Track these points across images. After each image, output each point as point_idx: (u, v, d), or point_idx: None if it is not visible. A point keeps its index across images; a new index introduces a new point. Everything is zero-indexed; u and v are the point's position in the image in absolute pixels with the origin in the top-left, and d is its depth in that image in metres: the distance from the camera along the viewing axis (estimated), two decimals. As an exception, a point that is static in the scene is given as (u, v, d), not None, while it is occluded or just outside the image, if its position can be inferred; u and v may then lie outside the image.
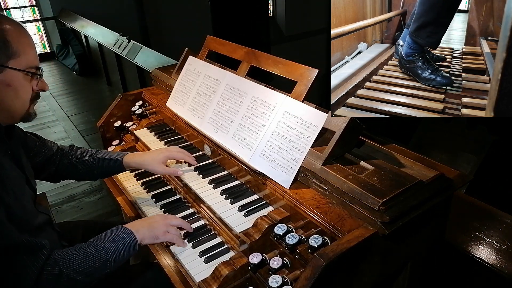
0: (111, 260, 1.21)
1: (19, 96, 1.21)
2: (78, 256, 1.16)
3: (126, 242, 1.25)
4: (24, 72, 1.19)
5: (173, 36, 7.62)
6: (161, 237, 1.36)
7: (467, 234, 1.58)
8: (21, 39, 1.18)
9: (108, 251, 1.20)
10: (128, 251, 1.26)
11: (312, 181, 1.32)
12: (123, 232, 1.28)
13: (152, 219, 1.40)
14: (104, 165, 1.63)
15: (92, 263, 1.17)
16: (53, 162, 1.59)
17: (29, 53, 1.20)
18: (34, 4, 7.77)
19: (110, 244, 1.22)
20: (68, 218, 3.13)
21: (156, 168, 1.61)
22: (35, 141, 1.55)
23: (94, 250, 1.19)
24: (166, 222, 1.39)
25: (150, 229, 1.34)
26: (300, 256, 1.17)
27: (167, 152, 1.64)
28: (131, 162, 1.63)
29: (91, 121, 4.92)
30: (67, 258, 1.15)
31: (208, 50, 2.04)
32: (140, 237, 1.30)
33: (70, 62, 7.16)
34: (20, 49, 1.17)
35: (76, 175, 1.66)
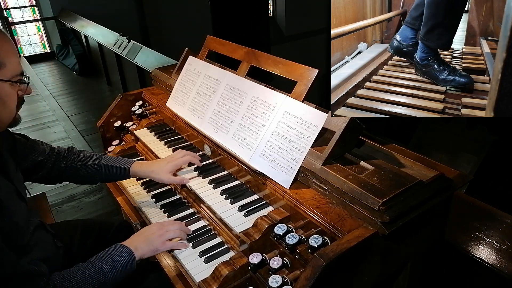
0: (109, 280, 1.22)
1: (6, 106, 1.18)
2: (77, 279, 1.17)
3: (124, 262, 1.26)
4: (9, 82, 1.16)
5: (173, 36, 7.63)
6: (161, 248, 1.35)
7: (467, 234, 1.58)
8: (4, 48, 1.15)
9: (106, 272, 1.21)
10: (127, 269, 1.27)
11: (312, 181, 1.32)
12: (122, 251, 1.28)
13: (149, 231, 1.38)
14: (109, 172, 1.60)
15: (91, 285, 1.18)
16: (44, 165, 1.55)
17: (13, 62, 1.18)
18: (34, 4, 7.76)
19: (109, 265, 1.23)
20: (68, 218, 3.12)
21: (163, 178, 1.59)
22: (24, 143, 1.50)
23: (93, 272, 1.20)
24: (162, 233, 1.37)
25: (148, 243, 1.34)
26: (300, 256, 1.17)
27: (174, 161, 1.62)
28: (139, 171, 1.61)
29: (91, 121, 4.92)
30: (66, 283, 1.16)
31: (208, 50, 2.04)
32: (140, 254, 1.31)
33: (70, 62, 7.16)
34: (5, 59, 1.14)
35: (77, 178, 1.64)
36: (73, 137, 4.52)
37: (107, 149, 2.16)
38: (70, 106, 5.60)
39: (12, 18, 7.59)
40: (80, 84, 6.57)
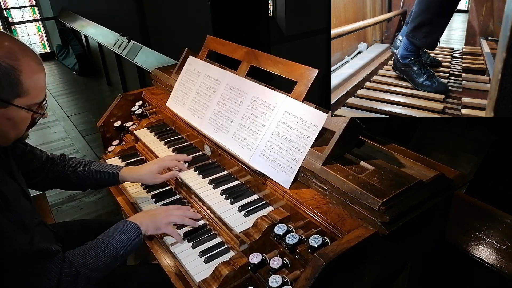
0: (121, 254, 1.27)
1: (17, 128, 1.19)
2: (90, 254, 1.22)
3: (132, 235, 1.32)
4: (27, 110, 1.16)
5: (173, 36, 7.63)
6: (163, 228, 1.41)
7: (467, 234, 1.58)
8: (34, 79, 1.14)
9: (117, 246, 1.26)
10: (135, 243, 1.32)
11: (312, 181, 1.32)
12: (128, 226, 1.34)
13: (155, 211, 1.46)
14: (98, 177, 1.63)
15: (104, 259, 1.23)
16: (41, 171, 1.57)
17: (38, 93, 1.18)
18: (34, 4, 7.76)
19: (118, 239, 1.28)
20: (68, 218, 3.13)
21: (154, 180, 1.64)
22: (24, 149, 1.53)
23: (104, 247, 1.25)
24: (167, 214, 1.44)
25: (153, 220, 1.40)
26: (300, 256, 1.17)
27: (160, 162, 1.67)
28: (127, 177, 1.64)
29: (91, 121, 4.91)
30: (81, 258, 1.20)
31: (208, 50, 2.04)
32: (144, 229, 1.37)
33: (70, 62, 7.15)
34: (31, 90, 1.14)
35: (67, 185, 1.65)
36: (73, 137, 4.52)
37: (107, 149, 2.16)
38: (70, 106, 5.59)
39: (12, 18, 7.59)
40: (80, 84, 6.56)
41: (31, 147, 1.57)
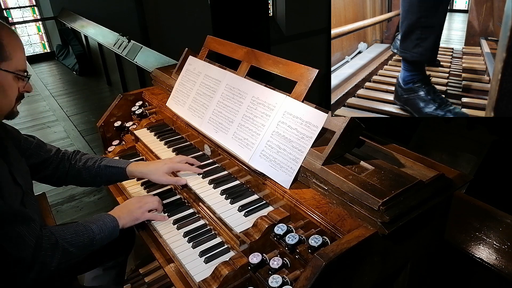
0: (97, 239, 1.35)
1: (7, 95, 1.26)
2: (70, 231, 1.30)
3: (110, 226, 1.40)
4: (13, 74, 1.25)
5: (173, 36, 7.63)
6: (141, 218, 1.50)
7: (467, 234, 1.58)
8: (13, 43, 1.24)
9: (95, 231, 1.35)
10: (112, 233, 1.40)
11: (312, 181, 1.32)
12: (107, 217, 1.42)
13: (129, 203, 1.54)
14: (108, 172, 1.64)
15: (82, 238, 1.31)
16: (49, 164, 1.59)
17: (20, 57, 1.27)
18: (34, 4, 7.76)
19: (96, 226, 1.36)
20: (68, 218, 3.13)
21: (160, 178, 1.62)
22: (31, 142, 1.56)
23: (83, 228, 1.33)
24: (141, 204, 1.52)
25: (129, 213, 1.48)
26: (300, 256, 1.17)
27: (171, 163, 1.64)
28: (135, 171, 1.64)
29: (91, 121, 4.92)
30: (61, 231, 1.28)
31: (208, 50, 2.04)
32: (122, 223, 1.44)
33: (70, 62, 7.16)
34: (12, 53, 1.23)
35: (80, 181, 1.67)
36: (73, 137, 4.51)
37: (107, 149, 2.16)
38: (70, 106, 5.60)
39: (12, 18, 7.59)
40: (80, 84, 6.57)
41: (39, 141, 1.60)
